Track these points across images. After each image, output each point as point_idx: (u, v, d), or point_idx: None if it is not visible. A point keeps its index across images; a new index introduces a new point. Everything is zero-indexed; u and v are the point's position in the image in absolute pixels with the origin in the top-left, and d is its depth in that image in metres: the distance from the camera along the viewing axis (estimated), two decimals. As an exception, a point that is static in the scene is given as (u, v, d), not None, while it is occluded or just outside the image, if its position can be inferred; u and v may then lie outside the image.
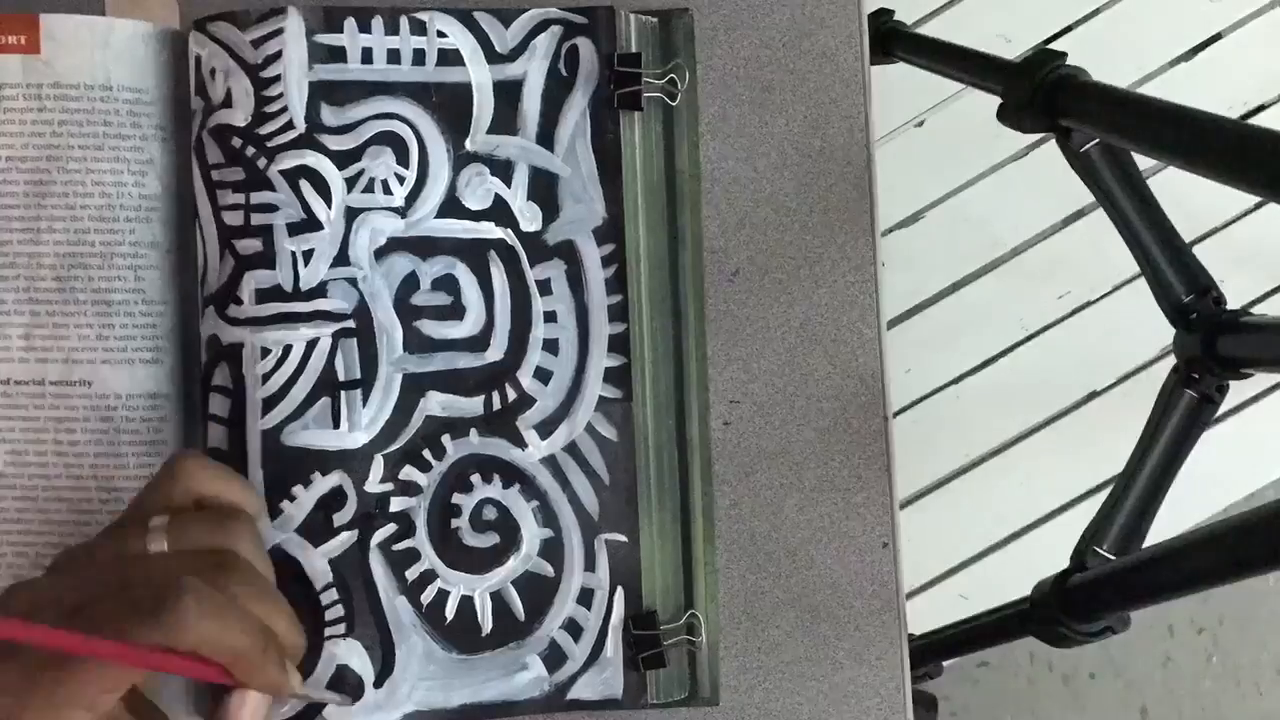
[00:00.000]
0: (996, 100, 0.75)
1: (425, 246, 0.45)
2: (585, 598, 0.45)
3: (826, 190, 0.49)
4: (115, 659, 0.33)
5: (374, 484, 0.44)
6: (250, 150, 0.44)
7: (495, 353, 0.45)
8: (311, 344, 0.44)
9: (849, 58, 0.50)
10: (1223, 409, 0.79)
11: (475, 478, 0.45)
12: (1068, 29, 1.22)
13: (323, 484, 0.44)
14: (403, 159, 0.45)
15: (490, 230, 0.46)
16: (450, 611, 0.45)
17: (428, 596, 0.44)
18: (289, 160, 0.44)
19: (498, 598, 0.45)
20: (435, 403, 0.45)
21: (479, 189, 0.46)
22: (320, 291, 0.44)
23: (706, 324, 0.48)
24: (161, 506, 0.38)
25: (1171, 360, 0.78)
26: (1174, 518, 0.77)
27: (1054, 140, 0.74)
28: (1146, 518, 0.76)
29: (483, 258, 0.46)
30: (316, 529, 0.44)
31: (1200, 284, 0.76)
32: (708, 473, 0.47)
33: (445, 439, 0.45)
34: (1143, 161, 0.74)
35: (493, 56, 0.46)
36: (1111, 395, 1.20)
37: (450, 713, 0.44)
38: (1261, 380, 1.19)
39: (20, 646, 0.33)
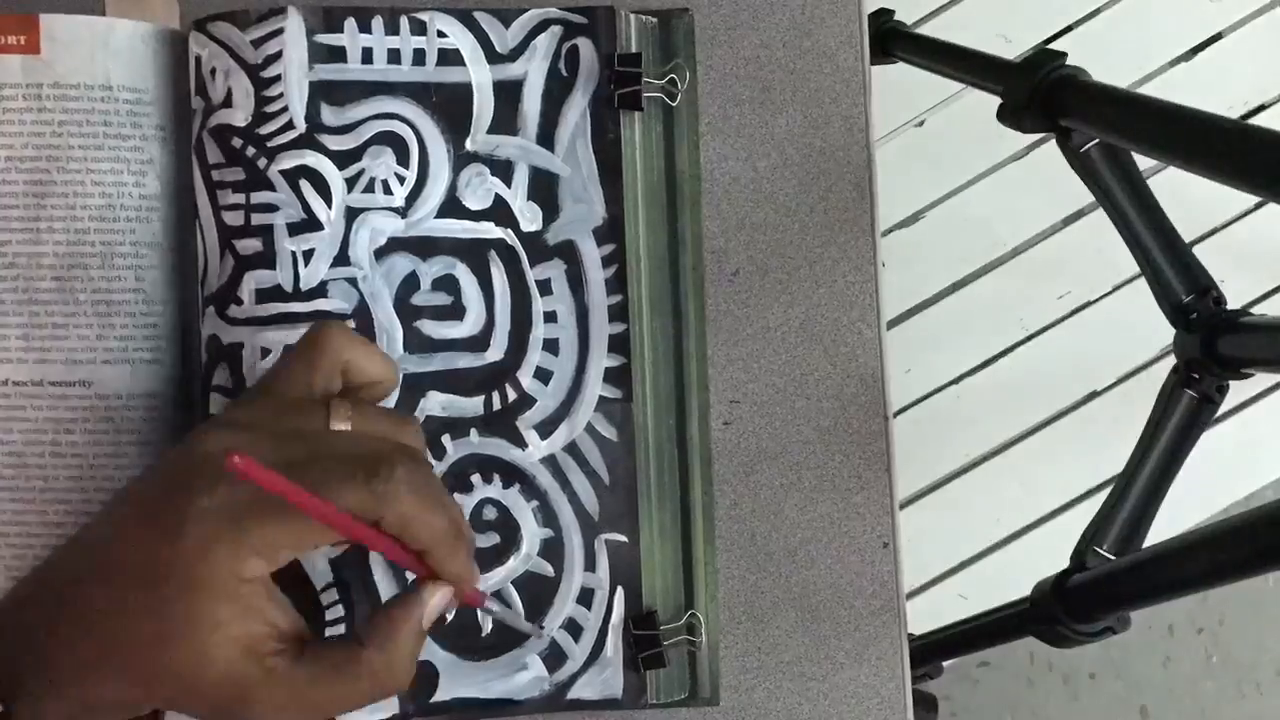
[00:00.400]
0: (996, 100, 0.75)
1: (425, 246, 0.45)
2: (585, 597, 0.45)
3: (826, 190, 0.49)
4: (331, 523, 0.32)
5: (374, 484, 0.44)
6: (250, 150, 0.44)
7: (495, 353, 0.45)
8: (311, 344, 0.44)
9: (849, 57, 0.50)
10: (1223, 409, 0.79)
11: (475, 478, 0.45)
12: (1068, 29, 1.22)
13: (323, 484, 0.44)
14: (403, 159, 0.45)
15: (490, 230, 0.46)
16: (450, 611, 0.45)
17: (428, 596, 0.44)
18: (289, 160, 0.44)
19: (498, 597, 0.45)
20: (435, 403, 0.45)
21: (479, 189, 0.46)
22: (320, 291, 0.44)
23: (706, 324, 0.48)
24: (310, 382, 0.37)
25: (1171, 360, 0.77)
26: (1174, 518, 0.77)
27: (1054, 140, 0.74)
28: (1146, 518, 0.76)
29: (483, 258, 0.46)
30: (316, 529, 0.44)
31: (1200, 284, 0.76)
32: (708, 473, 0.47)
33: (445, 439, 0.45)
34: (1143, 161, 0.74)
35: (493, 56, 0.46)
36: (1111, 395, 1.20)
37: (451, 712, 0.44)
38: (1261, 380, 1.19)
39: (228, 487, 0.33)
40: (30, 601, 0.36)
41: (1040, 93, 0.71)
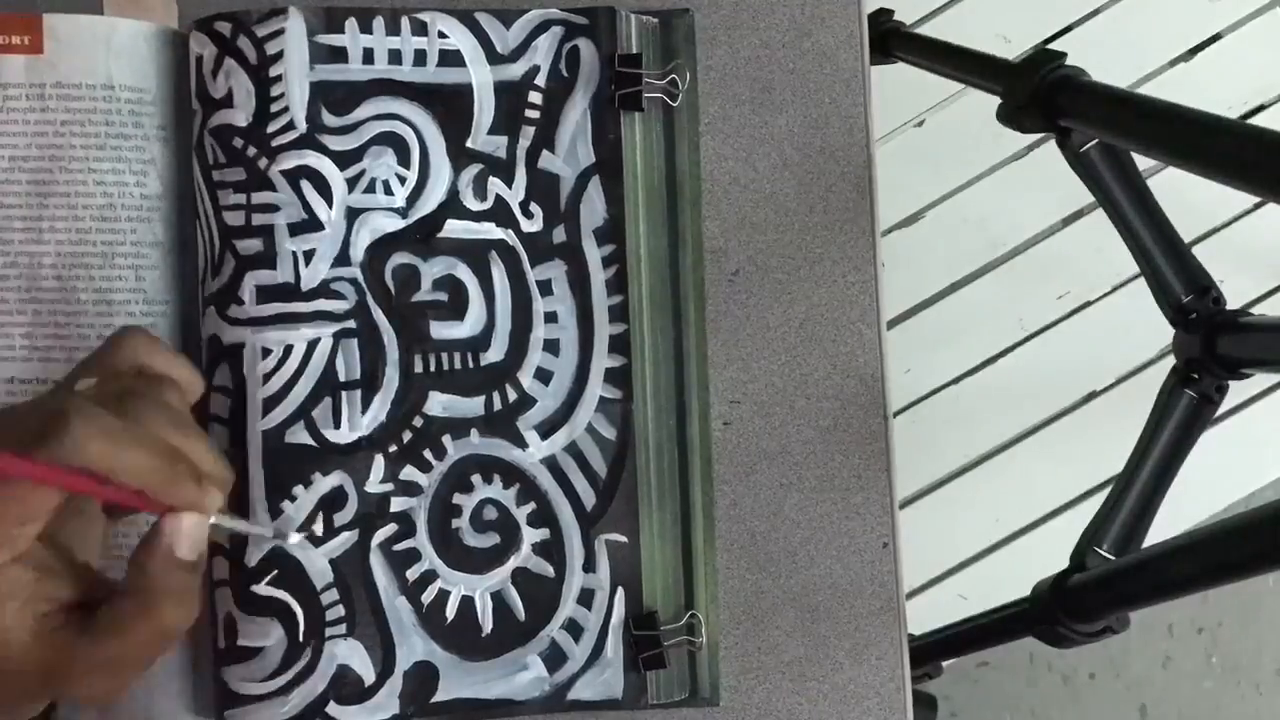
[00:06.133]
0: (996, 100, 0.75)
1: (426, 246, 0.45)
2: (585, 598, 0.45)
3: (826, 190, 0.49)
4: (29, 475, 0.32)
5: (375, 484, 0.44)
6: (251, 150, 0.44)
7: (496, 353, 0.45)
8: (312, 344, 0.44)
9: (849, 57, 0.50)
10: (1223, 409, 0.79)
11: (476, 478, 0.45)
12: (1068, 29, 1.22)
13: (324, 484, 0.44)
14: (404, 159, 0.45)
15: (491, 231, 0.46)
16: (450, 612, 0.45)
17: (428, 597, 0.44)
18: (290, 160, 0.44)
19: (498, 598, 0.45)
20: (436, 403, 0.45)
21: (480, 189, 0.46)
22: (321, 291, 0.44)
23: (706, 324, 0.48)
24: (95, 373, 0.37)
25: (1171, 360, 0.77)
26: (1174, 518, 0.77)
27: (1054, 140, 0.74)
28: (1146, 518, 0.76)
29: (484, 258, 0.46)
30: (318, 529, 0.44)
31: (1200, 284, 0.76)
32: (708, 473, 0.47)
33: (446, 439, 0.45)
34: (1143, 161, 0.74)
35: (494, 57, 0.46)
36: (1111, 395, 1.19)
37: (451, 712, 0.44)
38: (1261, 380, 1.18)
39: None
40: None
41: (1040, 93, 0.71)
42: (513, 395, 0.45)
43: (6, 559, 0.33)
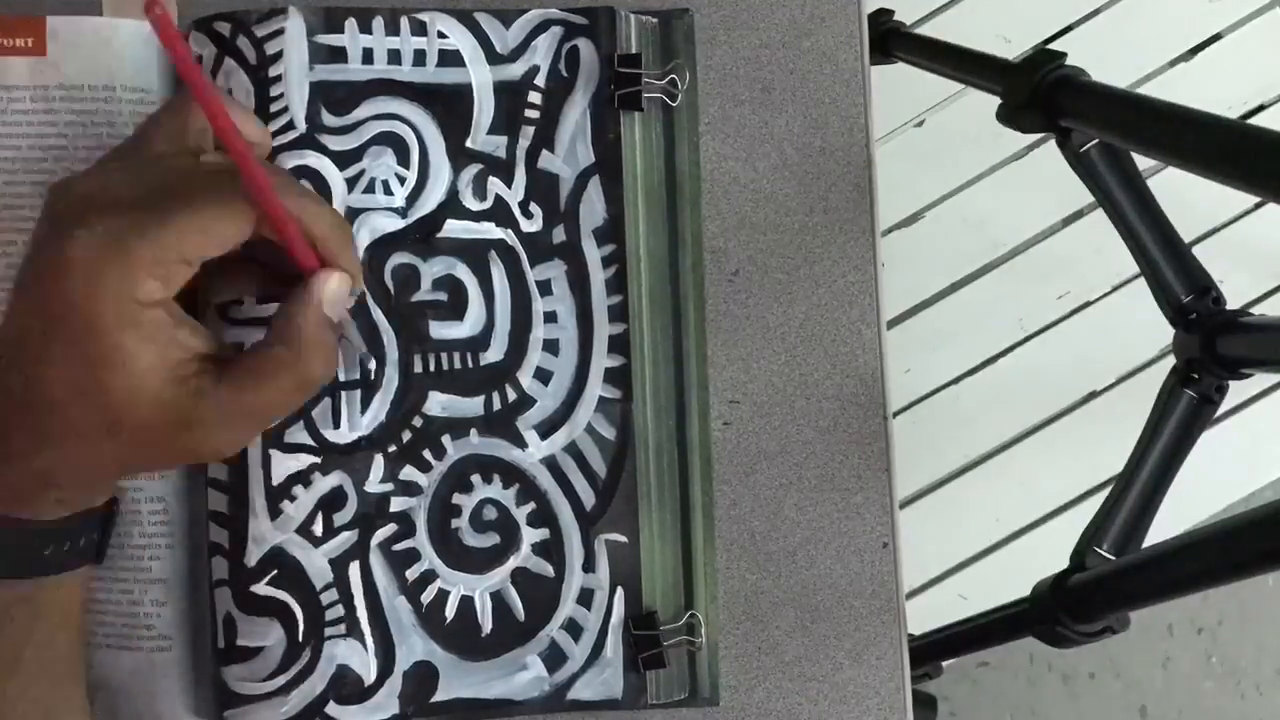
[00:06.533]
0: (996, 100, 0.75)
1: (426, 246, 0.45)
2: (585, 598, 0.45)
3: (826, 190, 0.49)
4: (248, 171, 0.33)
5: (374, 484, 0.44)
6: (251, 151, 0.44)
7: (495, 353, 0.45)
8: (312, 344, 0.44)
9: (849, 57, 0.50)
10: (1223, 409, 0.79)
11: (475, 478, 0.45)
12: (1068, 29, 1.22)
13: (323, 484, 0.44)
14: (403, 159, 0.45)
15: (490, 231, 0.46)
16: (450, 611, 0.45)
17: (428, 596, 0.44)
18: (290, 160, 0.44)
19: (497, 598, 0.45)
20: (435, 403, 0.45)
21: (479, 189, 0.46)
22: (321, 292, 0.44)
23: (706, 324, 0.48)
24: (179, 136, 0.37)
25: (1171, 360, 0.78)
26: (1174, 518, 0.77)
27: (1054, 140, 0.74)
28: (1146, 518, 0.76)
29: (483, 258, 0.46)
30: (317, 529, 0.44)
31: (1200, 284, 0.76)
32: (708, 473, 0.47)
33: (445, 439, 0.45)
34: (1143, 161, 0.74)
35: (493, 57, 0.46)
36: (1111, 395, 1.20)
37: (451, 712, 0.44)
38: (1261, 380, 1.18)
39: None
40: None
41: (1040, 93, 0.71)
42: (512, 395, 0.45)
43: (158, 297, 0.33)
